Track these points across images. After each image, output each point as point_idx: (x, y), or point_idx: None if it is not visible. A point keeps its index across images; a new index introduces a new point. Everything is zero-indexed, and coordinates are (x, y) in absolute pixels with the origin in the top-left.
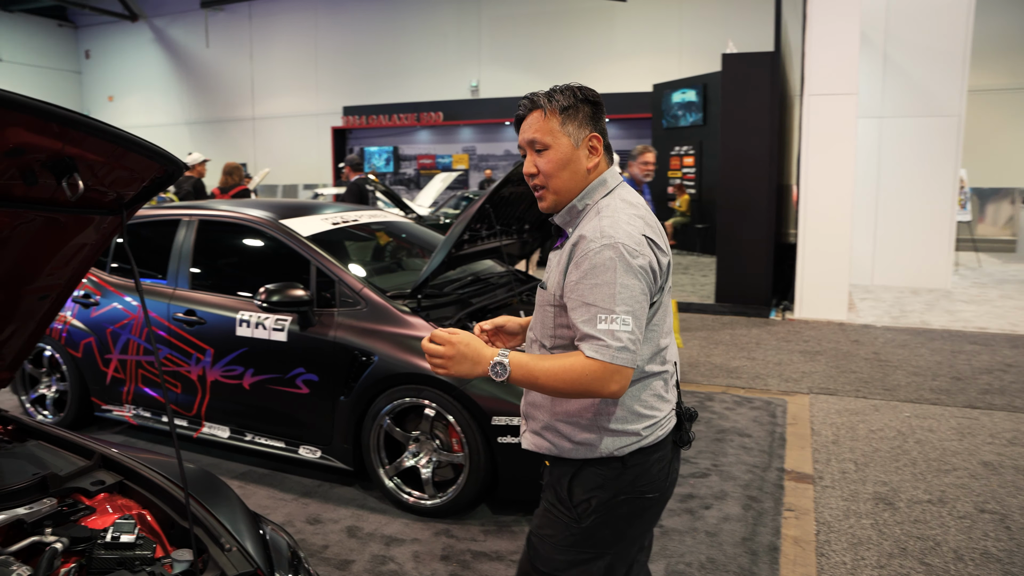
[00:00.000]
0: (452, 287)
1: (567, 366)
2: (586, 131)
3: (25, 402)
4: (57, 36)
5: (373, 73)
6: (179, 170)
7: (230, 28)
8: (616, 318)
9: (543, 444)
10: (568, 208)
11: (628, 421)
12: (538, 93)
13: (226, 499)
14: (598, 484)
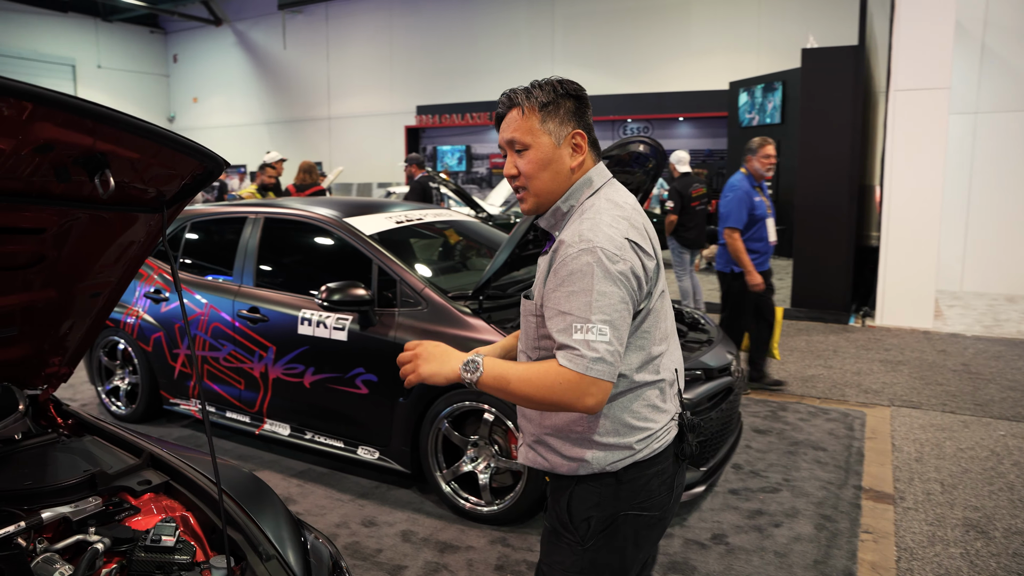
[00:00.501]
0: (516, 288)
1: (541, 371)
2: (568, 128)
3: (101, 393)
4: (149, 42)
5: (446, 72)
6: (219, 167)
7: (307, 30)
8: (592, 327)
9: (537, 459)
10: (552, 210)
11: (619, 434)
12: (517, 89)
13: (270, 505)
14: (594, 502)
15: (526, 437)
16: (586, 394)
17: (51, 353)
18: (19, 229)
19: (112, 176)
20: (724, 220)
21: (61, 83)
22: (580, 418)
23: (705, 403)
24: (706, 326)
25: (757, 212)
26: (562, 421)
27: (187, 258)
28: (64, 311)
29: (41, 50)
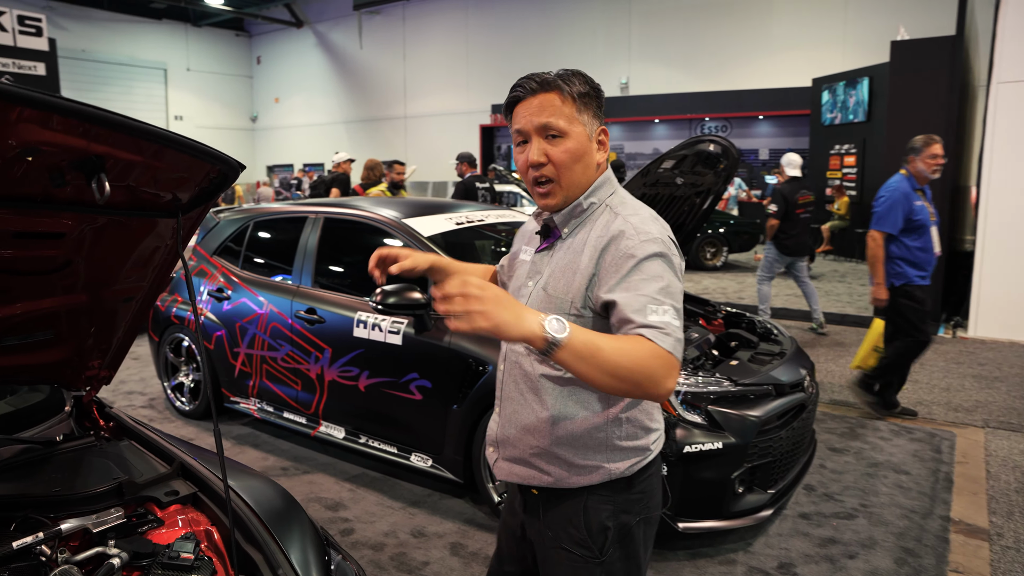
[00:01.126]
0: None
1: (634, 344)
2: (597, 123)
3: (167, 388)
4: (234, 45)
5: (521, 70)
6: (233, 170)
7: (385, 30)
8: (668, 311)
9: (531, 474)
10: (573, 206)
11: (638, 436)
12: (547, 74)
13: (297, 524)
14: (610, 511)
15: (513, 450)
16: (670, 375)
17: (90, 356)
18: (38, 234)
19: (111, 180)
20: (877, 222)
21: (154, 86)
22: (604, 422)
23: (774, 421)
24: (779, 337)
25: (917, 218)
26: (581, 428)
27: (250, 257)
28: (97, 316)
29: (137, 55)
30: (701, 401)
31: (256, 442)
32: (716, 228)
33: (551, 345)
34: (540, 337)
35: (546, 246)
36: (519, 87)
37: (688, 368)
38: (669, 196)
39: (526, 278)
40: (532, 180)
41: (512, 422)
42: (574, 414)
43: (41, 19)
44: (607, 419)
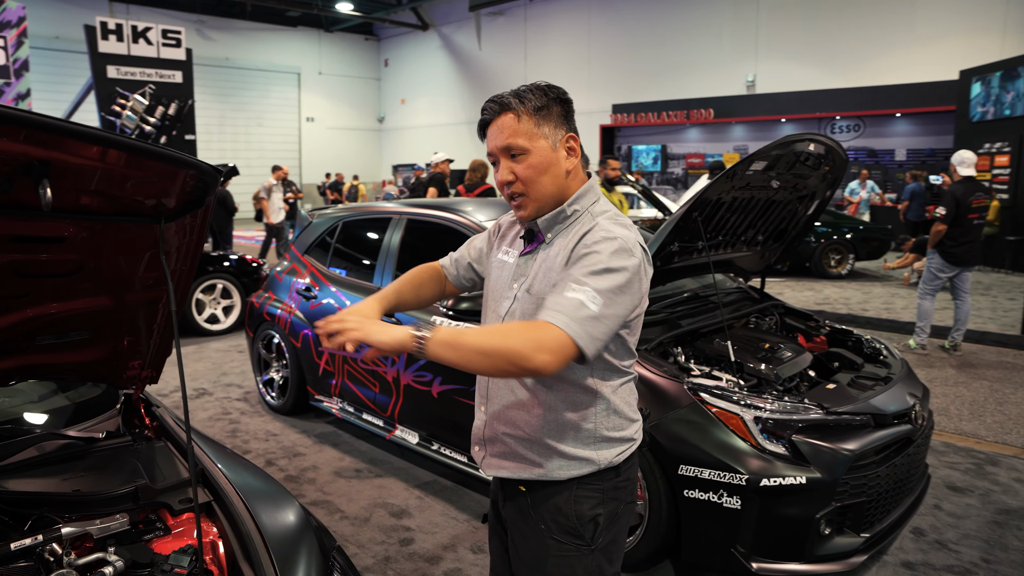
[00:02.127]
0: (661, 304)
1: (506, 328)
2: (562, 131)
3: (259, 383)
4: (363, 49)
5: (643, 70)
6: (208, 175)
7: (506, 31)
8: (587, 291)
9: (521, 468)
10: (556, 212)
11: (623, 427)
12: (504, 95)
13: (304, 549)
14: (599, 499)
15: (502, 446)
16: (540, 351)
17: (128, 357)
18: (38, 238)
19: (70, 186)
20: None
21: (288, 89)
22: (592, 413)
23: (872, 456)
24: (888, 359)
25: None
26: (571, 418)
27: (337, 256)
28: (124, 318)
29: (272, 61)
30: (784, 429)
31: (336, 441)
32: (843, 234)
33: (419, 340)
34: (409, 336)
35: (530, 250)
36: (484, 110)
37: (773, 392)
38: (766, 201)
39: (511, 280)
40: (507, 196)
41: (500, 419)
42: (564, 407)
43: (180, 32)
44: (595, 411)
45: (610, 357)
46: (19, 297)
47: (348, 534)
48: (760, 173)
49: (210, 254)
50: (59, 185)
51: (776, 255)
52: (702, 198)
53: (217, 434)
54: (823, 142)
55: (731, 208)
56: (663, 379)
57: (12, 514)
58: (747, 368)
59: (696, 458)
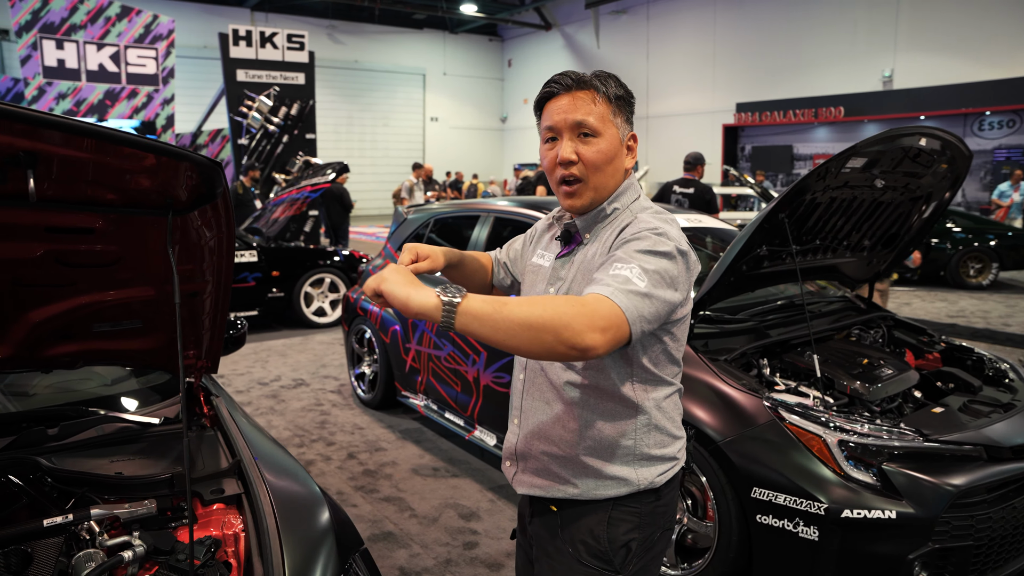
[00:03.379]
0: (750, 312)
1: (553, 299)
2: (628, 127)
3: (352, 376)
4: (487, 49)
5: (770, 67)
6: (207, 168)
7: (629, 30)
8: (633, 268)
9: (554, 486)
10: (597, 210)
11: (666, 444)
12: (581, 73)
13: (320, 557)
14: (635, 524)
15: (535, 462)
16: (596, 325)
17: (183, 346)
18: (69, 228)
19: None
20: None
21: (413, 90)
22: (632, 429)
23: (982, 494)
24: (1015, 383)
25: None
26: (610, 433)
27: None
28: (170, 308)
29: (399, 62)
30: (874, 456)
31: (419, 438)
32: (985, 240)
33: (448, 308)
34: (436, 303)
35: (567, 252)
36: (554, 83)
37: (865, 413)
38: (871, 202)
39: (546, 285)
40: (559, 179)
41: (535, 433)
42: (601, 422)
43: (304, 35)
44: (635, 426)
45: (650, 364)
46: (68, 285)
47: (414, 533)
48: (860, 171)
49: (318, 249)
50: (58, 176)
51: (886, 262)
52: (788, 198)
53: (306, 424)
54: (938, 136)
55: (830, 210)
56: (740, 393)
57: (61, 491)
58: (838, 385)
59: (771, 481)
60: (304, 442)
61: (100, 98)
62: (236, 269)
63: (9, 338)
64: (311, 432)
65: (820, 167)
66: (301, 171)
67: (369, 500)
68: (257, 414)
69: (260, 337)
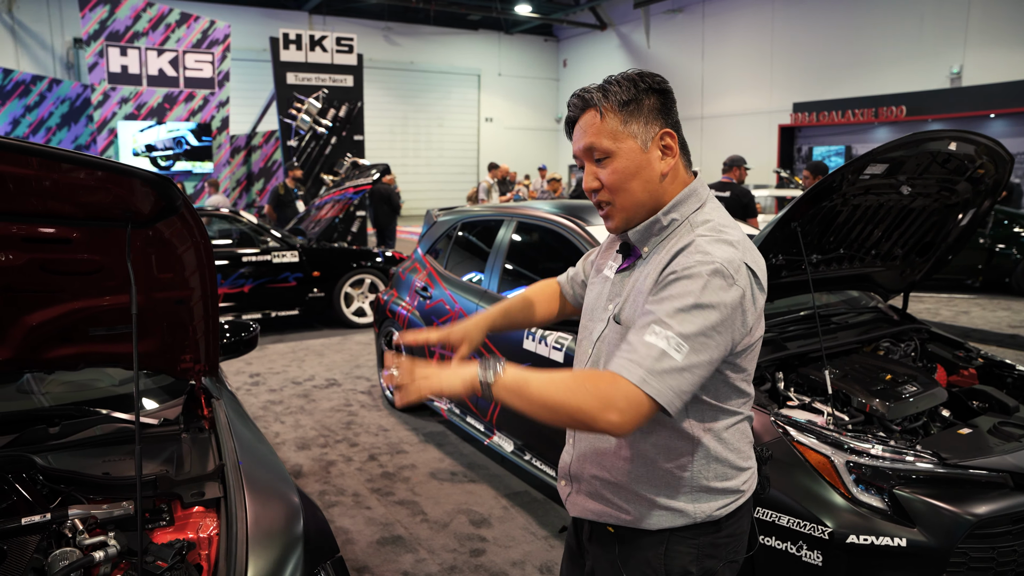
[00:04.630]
0: (769, 323)
1: (570, 379)
2: (655, 127)
3: (380, 377)
4: (542, 50)
5: (830, 66)
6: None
7: (684, 29)
8: (671, 337)
9: (608, 511)
10: (650, 223)
11: (729, 476)
12: (589, 88)
13: (288, 566)
14: (693, 556)
15: (588, 486)
16: (612, 407)
17: (178, 351)
18: (48, 239)
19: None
20: None
21: (468, 90)
22: (690, 459)
23: (1006, 524)
24: None
25: None
26: (667, 465)
27: (452, 257)
28: (160, 315)
29: (455, 64)
30: (884, 480)
31: (442, 442)
32: None
33: (485, 385)
34: (475, 380)
35: (626, 266)
36: (570, 106)
37: (879, 433)
38: (901, 209)
39: (607, 300)
40: (596, 204)
41: (588, 456)
42: (655, 453)
43: (353, 38)
44: (692, 458)
45: (709, 398)
46: (58, 292)
47: (423, 538)
48: (882, 178)
49: (359, 250)
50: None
51: (921, 272)
52: (801, 206)
53: (333, 425)
54: (971, 140)
55: (853, 217)
56: None
57: (50, 489)
58: (855, 402)
59: (775, 501)
60: (328, 442)
61: (159, 101)
62: (278, 269)
63: (9, 341)
64: (336, 432)
65: (835, 173)
66: (348, 172)
67: (383, 503)
68: (286, 413)
69: (299, 336)
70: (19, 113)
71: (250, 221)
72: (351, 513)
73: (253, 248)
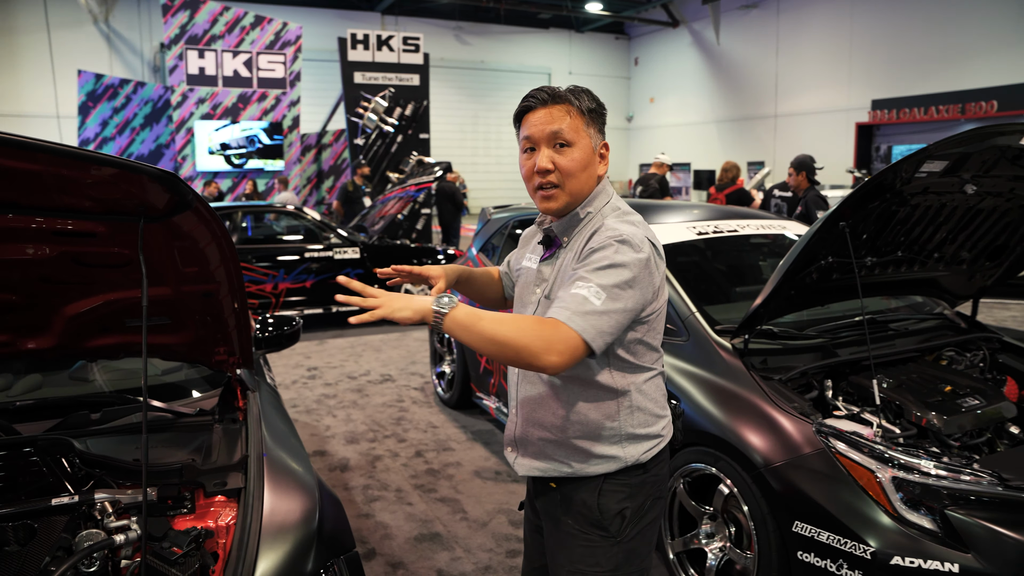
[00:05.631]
0: (820, 328)
1: (519, 320)
2: (601, 137)
3: (433, 374)
4: (613, 48)
5: (912, 60)
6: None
7: (758, 25)
8: (592, 287)
9: (551, 466)
10: (571, 216)
11: (650, 424)
12: (557, 88)
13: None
14: (626, 494)
15: (533, 447)
16: (551, 350)
17: (211, 343)
18: (75, 233)
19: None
20: None
21: None
22: (615, 412)
23: None
24: None
25: None
26: (595, 417)
27: (502, 254)
28: (190, 308)
29: (525, 62)
30: (936, 499)
31: (489, 440)
32: None
33: (438, 315)
34: (429, 310)
35: (548, 255)
36: (531, 97)
37: (933, 448)
38: (967, 209)
39: (533, 285)
40: (536, 186)
41: (530, 420)
42: (586, 407)
43: (419, 37)
44: (618, 409)
45: (626, 355)
46: (91, 283)
47: (461, 536)
48: (941, 176)
49: (420, 247)
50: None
51: (992, 277)
52: (850, 206)
53: (383, 420)
54: None
55: (911, 218)
56: (788, 417)
57: (85, 473)
58: (908, 414)
59: (815, 516)
60: (377, 437)
61: (234, 101)
62: (339, 265)
63: (52, 330)
64: (385, 428)
65: (887, 170)
66: (413, 170)
67: (425, 500)
68: (339, 407)
69: (360, 332)
70: (108, 115)
71: (313, 218)
72: (392, 508)
73: (316, 244)
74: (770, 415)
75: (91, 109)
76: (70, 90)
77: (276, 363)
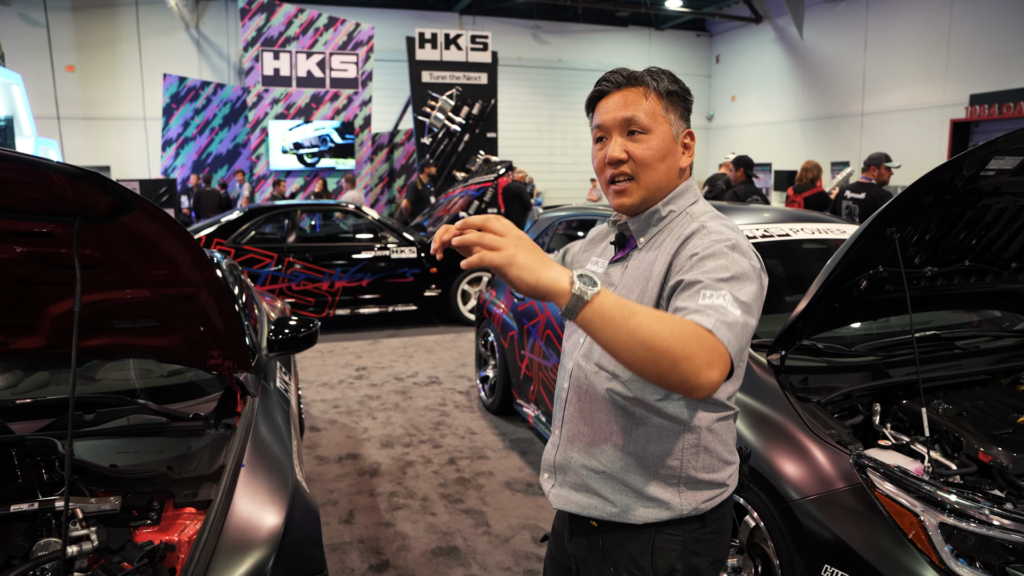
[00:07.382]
0: (874, 343)
1: (678, 321)
2: (684, 125)
3: (478, 378)
4: (694, 45)
5: (1018, 51)
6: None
7: (845, 20)
8: (724, 295)
9: (592, 503)
10: (650, 212)
11: (715, 469)
12: (633, 70)
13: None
14: (679, 552)
15: (574, 476)
16: (713, 366)
17: (203, 346)
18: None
19: None
20: None
21: None
22: (677, 450)
23: None
24: None
25: None
26: (656, 451)
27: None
28: (173, 310)
29: (603, 61)
30: (995, 554)
31: (526, 450)
32: None
33: (577, 300)
34: (565, 289)
35: (620, 256)
36: (604, 81)
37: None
38: (1018, 210)
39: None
40: (608, 179)
41: (574, 445)
42: (646, 437)
43: (487, 36)
44: (683, 446)
45: None
46: (66, 284)
47: (480, 551)
48: (1012, 175)
49: None
50: None
51: None
52: (898, 208)
53: (422, 424)
54: None
55: (981, 222)
56: (821, 445)
57: (61, 478)
58: (968, 448)
59: (848, 561)
60: (412, 442)
61: (307, 101)
62: (396, 264)
63: (39, 330)
64: (423, 432)
65: (942, 168)
66: (478, 169)
67: (449, 510)
68: (380, 409)
69: (414, 332)
70: (189, 116)
71: (372, 217)
72: (415, 518)
73: (374, 243)
74: (802, 442)
75: (174, 111)
76: (156, 92)
77: (327, 362)
